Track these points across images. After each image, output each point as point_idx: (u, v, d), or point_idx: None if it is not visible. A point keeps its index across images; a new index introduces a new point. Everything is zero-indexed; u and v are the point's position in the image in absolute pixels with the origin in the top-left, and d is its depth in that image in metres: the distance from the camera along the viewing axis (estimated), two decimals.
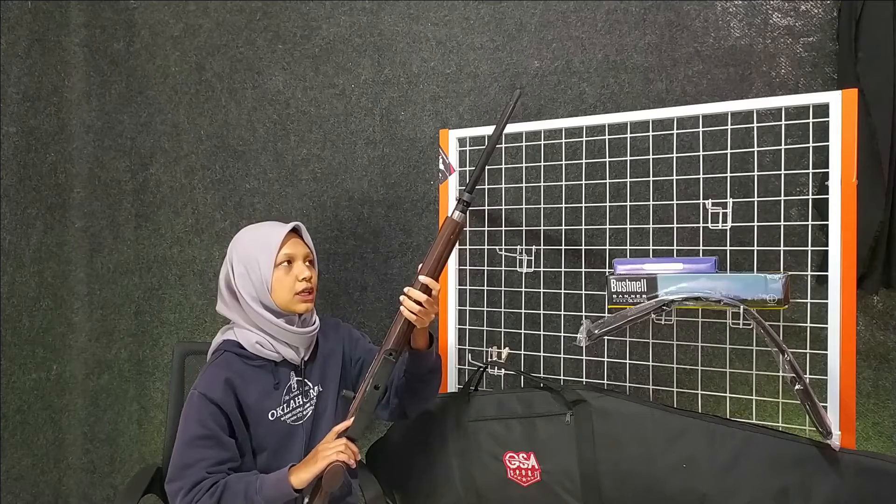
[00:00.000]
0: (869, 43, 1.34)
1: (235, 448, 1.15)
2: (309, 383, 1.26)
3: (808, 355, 1.27)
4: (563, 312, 1.55)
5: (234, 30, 1.91)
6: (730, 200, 1.29)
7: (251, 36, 1.90)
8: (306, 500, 1.08)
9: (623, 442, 1.26)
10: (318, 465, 1.07)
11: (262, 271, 1.20)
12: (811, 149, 1.28)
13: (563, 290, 1.57)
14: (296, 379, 1.24)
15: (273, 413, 1.20)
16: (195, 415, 1.13)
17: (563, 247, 1.58)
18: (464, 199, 1.15)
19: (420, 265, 1.14)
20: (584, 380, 1.52)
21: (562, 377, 1.54)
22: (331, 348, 1.32)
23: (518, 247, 1.56)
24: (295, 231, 1.27)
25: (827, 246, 1.20)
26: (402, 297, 1.12)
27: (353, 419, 1.13)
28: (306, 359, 1.26)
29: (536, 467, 1.33)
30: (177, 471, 1.10)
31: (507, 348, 1.52)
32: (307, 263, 1.25)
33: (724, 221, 1.30)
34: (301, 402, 1.24)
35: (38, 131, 1.91)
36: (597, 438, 1.28)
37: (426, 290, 1.12)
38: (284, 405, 1.21)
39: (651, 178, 1.48)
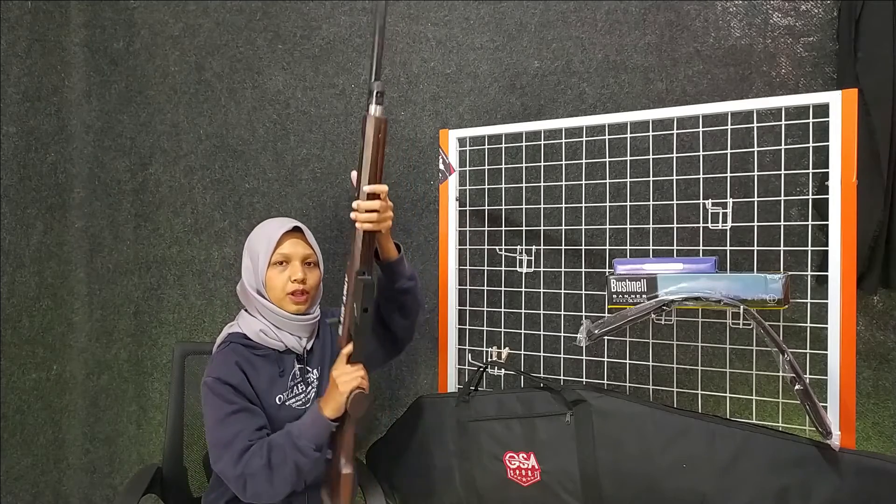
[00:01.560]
0: (868, 43, 1.34)
1: (264, 414, 1.18)
2: (309, 368, 1.29)
3: (808, 355, 1.27)
4: (563, 312, 1.55)
5: (234, 29, 1.91)
6: (730, 200, 1.29)
7: (251, 36, 1.90)
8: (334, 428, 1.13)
9: (623, 442, 1.26)
10: (342, 393, 1.10)
11: (260, 267, 1.24)
12: (811, 149, 1.28)
13: (563, 290, 1.57)
14: (298, 367, 1.27)
15: (280, 398, 1.23)
16: (216, 398, 1.15)
17: (563, 247, 1.58)
18: (377, 91, 1.08)
19: (355, 175, 1.11)
20: (584, 380, 1.52)
21: (562, 377, 1.54)
22: (324, 334, 1.35)
23: (518, 247, 1.56)
24: (299, 231, 1.28)
25: (827, 246, 1.20)
26: (353, 214, 1.11)
27: (352, 346, 1.14)
28: (309, 347, 1.30)
29: (536, 467, 1.33)
30: (219, 450, 1.12)
31: (507, 348, 1.52)
32: (307, 265, 1.27)
33: (724, 221, 1.30)
34: (303, 389, 1.27)
35: (38, 131, 1.90)
36: (597, 438, 1.28)
37: (374, 196, 1.11)
38: (289, 391, 1.25)
39: (651, 178, 1.48)
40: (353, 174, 1.12)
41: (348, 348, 1.15)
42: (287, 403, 1.24)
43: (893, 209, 1.32)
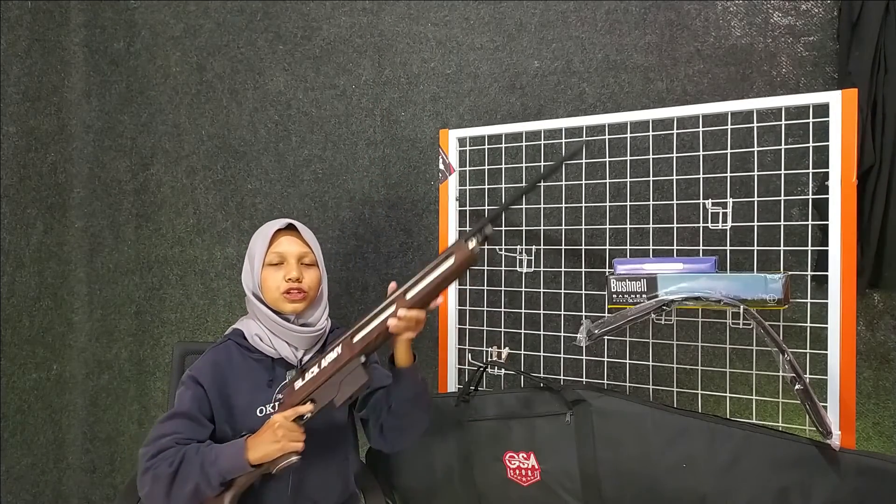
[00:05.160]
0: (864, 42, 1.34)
1: (211, 432, 1.14)
2: None
3: (808, 355, 1.27)
4: (563, 312, 1.55)
5: (235, 30, 1.91)
6: (730, 200, 1.29)
7: (252, 36, 1.90)
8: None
9: (623, 442, 1.26)
10: (279, 449, 1.06)
11: (255, 268, 1.21)
12: (811, 149, 1.28)
13: (563, 290, 1.57)
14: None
15: (262, 409, 1.18)
16: (182, 393, 1.15)
17: (563, 247, 1.58)
18: (487, 235, 0.98)
19: (393, 285, 1.07)
20: (584, 380, 1.52)
21: (562, 377, 1.54)
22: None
23: (518, 247, 1.56)
24: (294, 229, 1.26)
25: (827, 246, 1.20)
26: (391, 321, 1.04)
27: (312, 409, 1.10)
28: (304, 360, 1.24)
29: (536, 467, 1.33)
30: (150, 440, 1.09)
31: (507, 348, 1.52)
32: (304, 264, 1.23)
33: (724, 221, 1.30)
34: None
35: (38, 131, 1.91)
36: (597, 438, 1.28)
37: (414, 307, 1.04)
38: (276, 403, 1.20)
39: (651, 178, 1.48)
40: (392, 285, 1.08)
41: (307, 408, 1.09)
42: (271, 416, 1.16)
43: (888, 210, 1.32)
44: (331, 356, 1.11)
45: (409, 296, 1.04)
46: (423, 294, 1.03)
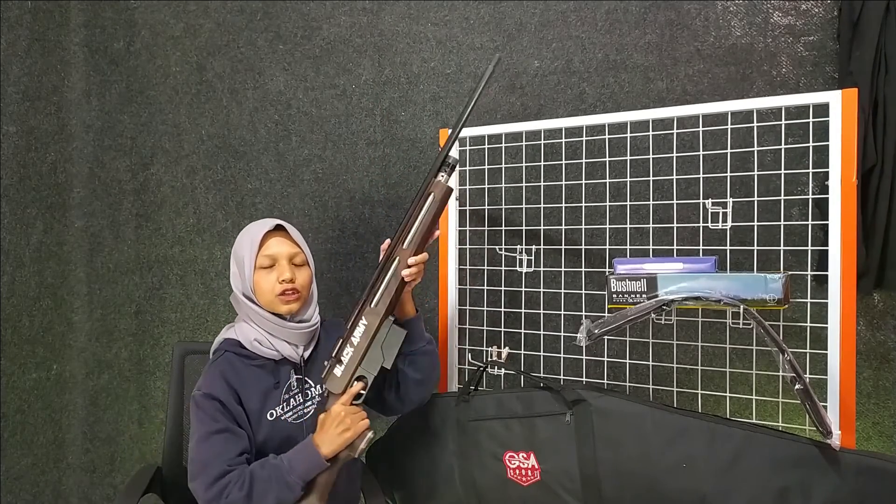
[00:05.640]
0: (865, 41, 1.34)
1: (248, 438, 1.15)
2: (310, 382, 1.25)
3: (808, 355, 1.27)
4: (563, 312, 1.55)
5: (235, 30, 1.91)
6: (730, 200, 1.29)
7: (252, 36, 1.90)
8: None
9: (623, 441, 1.26)
10: (350, 434, 1.12)
11: (247, 272, 1.20)
12: (811, 148, 1.28)
13: (563, 290, 1.57)
14: (296, 377, 1.23)
15: (272, 413, 1.19)
16: (202, 414, 1.13)
17: (563, 247, 1.58)
18: (452, 165, 1.16)
19: (386, 243, 1.20)
20: (584, 379, 1.52)
21: (562, 377, 1.54)
22: (325, 344, 1.30)
23: (518, 247, 1.56)
24: (282, 229, 1.25)
25: (827, 245, 1.19)
26: (405, 272, 1.16)
27: (363, 386, 1.17)
28: (306, 357, 1.25)
29: (536, 467, 1.33)
30: (197, 468, 1.09)
31: (507, 348, 1.52)
32: (294, 263, 1.22)
33: (724, 221, 1.30)
34: (301, 401, 1.23)
35: (38, 131, 1.91)
36: (597, 438, 1.28)
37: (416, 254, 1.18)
38: (284, 404, 1.20)
39: (651, 178, 1.48)
40: (385, 243, 1.20)
41: (358, 387, 1.16)
42: (282, 418, 1.19)
43: (891, 210, 1.32)
44: (359, 331, 1.17)
45: (406, 244, 1.15)
46: (420, 236, 1.16)
